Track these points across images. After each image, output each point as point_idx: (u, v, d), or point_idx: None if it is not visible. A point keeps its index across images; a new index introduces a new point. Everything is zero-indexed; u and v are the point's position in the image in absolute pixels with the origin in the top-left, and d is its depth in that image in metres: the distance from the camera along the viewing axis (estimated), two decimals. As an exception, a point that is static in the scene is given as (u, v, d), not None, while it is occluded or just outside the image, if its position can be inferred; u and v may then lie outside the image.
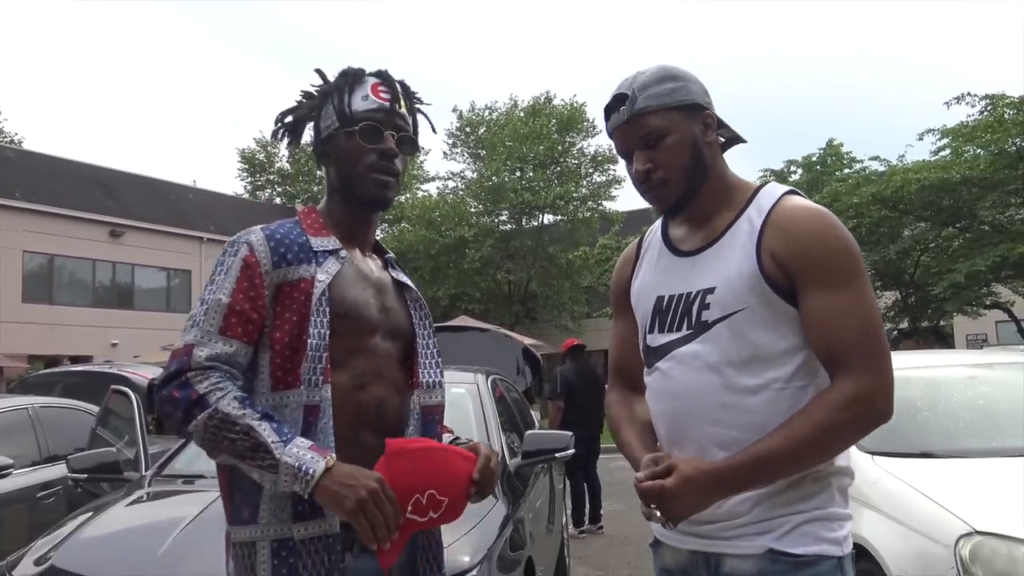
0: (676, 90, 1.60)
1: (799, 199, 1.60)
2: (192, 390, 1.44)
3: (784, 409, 1.49)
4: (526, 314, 32.30)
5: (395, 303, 1.72)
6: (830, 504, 1.53)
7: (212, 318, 1.51)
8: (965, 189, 18.12)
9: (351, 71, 1.70)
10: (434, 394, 1.72)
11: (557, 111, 32.83)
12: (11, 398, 6.68)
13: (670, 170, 1.60)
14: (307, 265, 1.57)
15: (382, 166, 1.64)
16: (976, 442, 3.67)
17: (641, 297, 1.73)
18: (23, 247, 24.63)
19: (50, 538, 3.13)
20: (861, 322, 1.48)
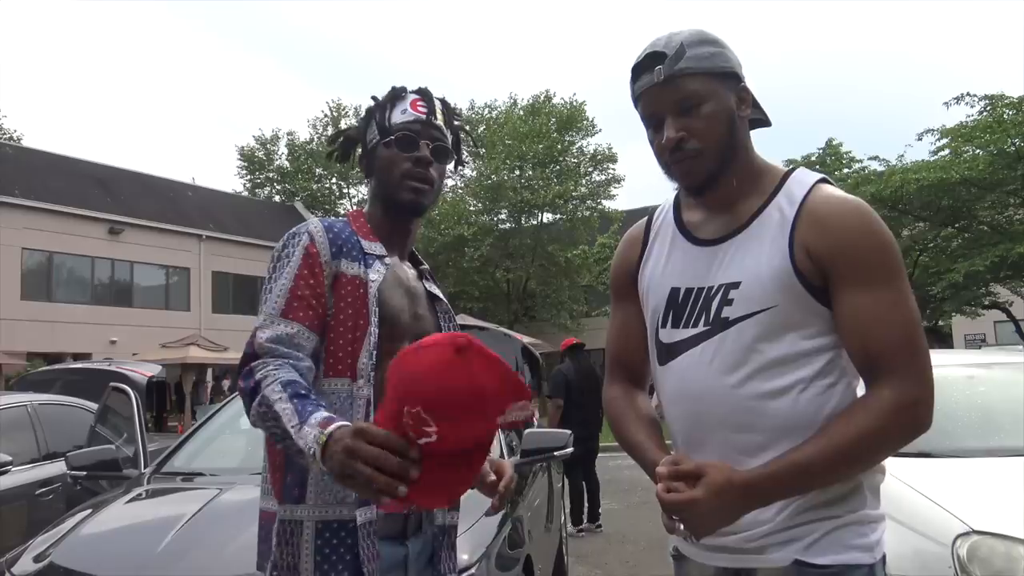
0: (716, 55, 1.47)
1: (833, 189, 1.47)
2: (252, 379, 1.49)
3: (809, 410, 1.40)
4: (525, 313, 32.32)
5: (426, 312, 1.79)
6: (861, 506, 1.42)
7: (275, 303, 1.58)
8: (964, 189, 18.14)
9: (395, 90, 1.80)
10: None
11: (556, 110, 32.83)
12: (10, 395, 6.69)
13: (705, 140, 1.45)
14: (359, 264, 1.66)
15: (416, 173, 1.73)
16: (974, 442, 3.68)
17: (653, 288, 1.60)
18: (22, 244, 24.60)
19: (49, 535, 3.13)
20: (903, 324, 1.37)
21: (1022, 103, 17.57)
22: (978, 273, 17.56)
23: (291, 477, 1.60)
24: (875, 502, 1.45)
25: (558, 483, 5.76)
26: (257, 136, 44.11)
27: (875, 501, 1.45)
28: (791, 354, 1.41)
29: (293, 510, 1.58)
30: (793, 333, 1.41)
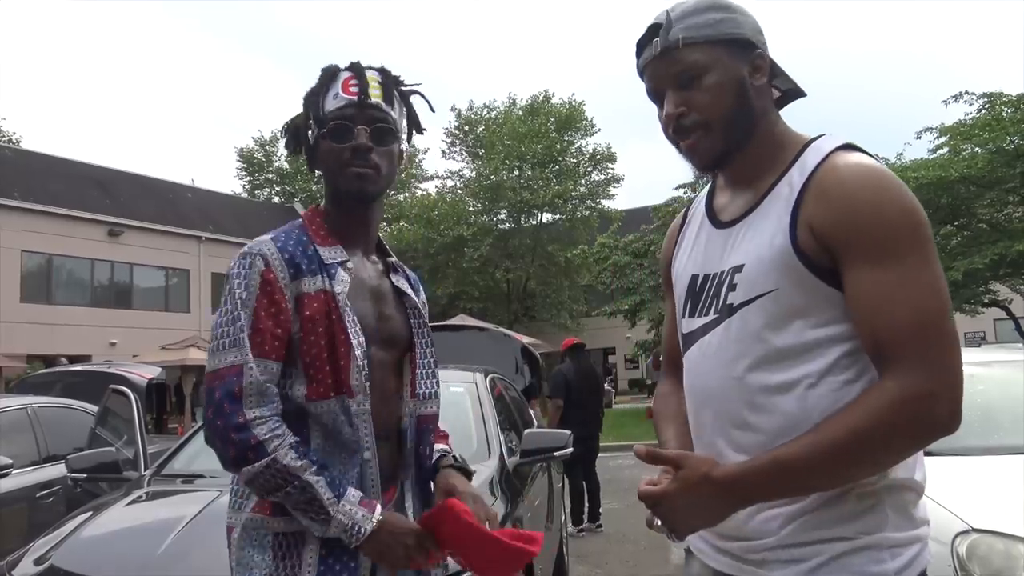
0: (722, 21, 1.34)
1: (852, 156, 1.29)
2: (251, 434, 1.45)
3: (820, 408, 1.24)
4: (525, 312, 32.33)
5: (393, 311, 1.72)
6: (880, 528, 1.23)
7: (244, 339, 1.50)
8: (963, 187, 18.14)
9: (327, 70, 1.69)
10: (430, 404, 1.74)
11: (555, 110, 32.86)
12: (10, 398, 6.68)
13: (709, 113, 1.33)
14: (321, 277, 1.58)
15: (356, 162, 1.63)
16: (974, 440, 3.67)
17: (678, 276, 1.51)
18: (21, 247, 24.59)
19: (49, 538, 3.13)
20: (917, 303, 1.18)
21: (1020, 101, 17.57)
22: (977, 271, 17.55)
23: None
24: (903, 523, 1.26)
25: (558, 483, 5.76)
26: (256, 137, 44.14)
27: (903, 522, 1.26)
28: (798, 344, 1.26)
29: (295, 523, 1.53)
30: (800, 320, 1.26)
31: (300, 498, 1.46)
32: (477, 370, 4.68)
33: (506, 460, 3.80)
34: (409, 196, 35.80)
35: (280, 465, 1.45)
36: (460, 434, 3.96)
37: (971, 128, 18.13)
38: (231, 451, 1.47)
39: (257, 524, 1.56)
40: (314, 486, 1.45)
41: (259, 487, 1.50)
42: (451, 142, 35.34)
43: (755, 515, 1.28)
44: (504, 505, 3.30)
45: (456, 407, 4.18)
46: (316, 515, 1.47)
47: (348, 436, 1.56)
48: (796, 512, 1.25)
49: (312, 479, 1.46)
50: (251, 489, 1.54)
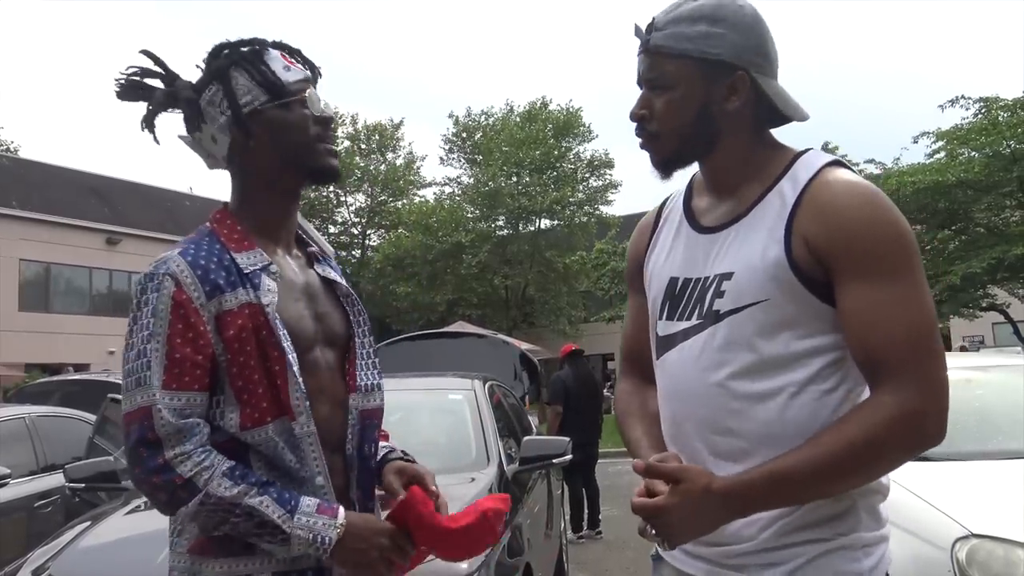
0: (705, 37, 1.33)
1: (843, 173, 1.32)
2: (175, 474, 1.31)
3: (800, 417, 1.27)
4: (523, 319, 32.30)
5: (328, 306, 1.55)
6: (855, 528, 1.29)
7: (156, 371, 1.34)
8: (960, 191, 18.18)
9: (252, 41, 1.50)
10: (373, 397, 1.55)
11: (553, 116, 32.86)
12: (8, 407, 6.67)
13: (663, 125, 1.38)
14: (242, 290, 1.40)
15: (328, 135, 1.52)
16: (973, 445, 3.67)
17: (654, 277, 1.50)
18: (19, 255, 24.60)
19: (48, 548, 3.12)
20: (908, 324, 1.22)
21: (1017, 105, 17.61)
22: (975, 275, 17.56)
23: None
24: (872, 523, 1.32)
25: (557, 490, 5.75)
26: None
27: (872, 523, 1.32)
28: (784, 354, 1.29)
29: (234, 564, 1.37)
30: (788, 331, 1.29)
31: (250, 525, 1.32)
32: (476, 377, 4.68)
33: (505, 467, 3.79)
34: (407, 203, 35.78)
35: (215, 498, 1.30)
36: (459, 441, 3.96)
37: (968, 132, 18.17)
38: (161, 496, 1.33)
39: (194, 568, 1.38)
40: (259, 508, 1.31)
41: (203, 525, 1.35)
42: (449, 149, 35.34)
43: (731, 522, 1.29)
44: (503, 513, 3.29)
45: (455, 414, 4.18)
46: (273, 537, 1.33)
47: (292, 464, 1.39)
48: (775, 517, 1.28)
49: (254, 502, 1.31)
50: (196, 526, 1.37)
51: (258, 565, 1.38)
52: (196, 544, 1.38)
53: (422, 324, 28.57)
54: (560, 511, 5.84)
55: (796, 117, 1.41)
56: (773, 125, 1.44)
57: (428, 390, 4.50)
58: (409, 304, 31.04)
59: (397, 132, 37.83)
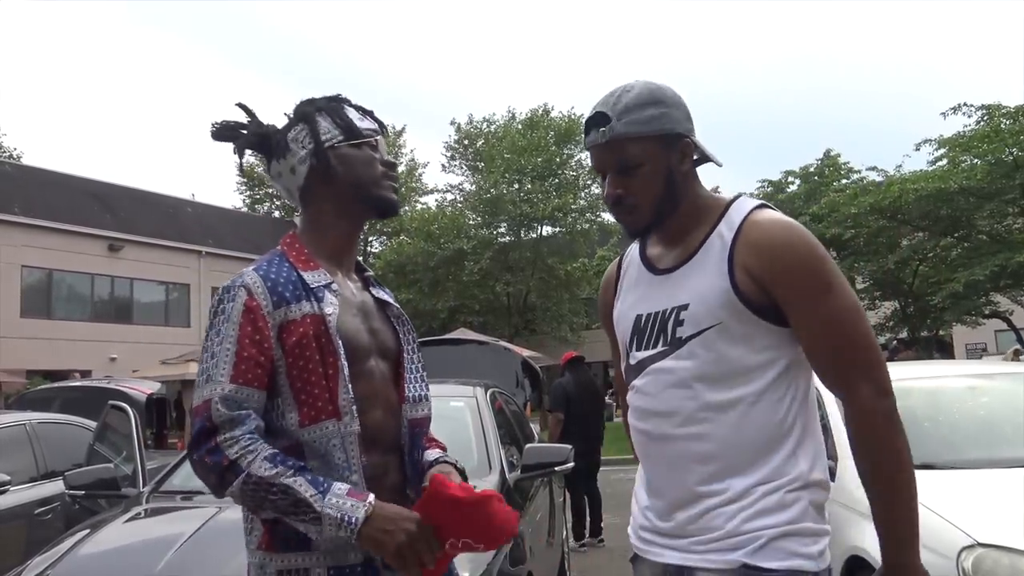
0: (657, 118, 1.59)
1: (769, 212, 1.60)
2: (223, 456, 1.45)
3: (759, 421, 1.53)
4: (525, 326, 32.29)
5: (381, 323, 1.74)
6: (804, 519, 1.52)
7: (223, 368, 1.51)
8: (963, 199, 18.17)
9: (335, 96, 1.76)
10: (420, 407, 1.74)
11: (555, 123, 32.91)
12: (9, 414, 6.67)
13: (642, 198, 1.61)
14: (306, 302, 1.58)
15: (391, 175, 1.73)
16: (977, 453, 3.66)
17: (621, 318, 1.75)
18: (21, 262, 24.61)
19: (48, 555, 3.11)
20: (842, 334, 1.51)
21: (1019, 113, 17.62)
22: (978, 282, 17.56)
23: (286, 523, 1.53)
24: (819, 517, 1.55)
25: (559, 498, 5.74)
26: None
27: (819, 516, 1.55)
28: (738, 368, 1.53)
29: (293, 559, 1.53)
30: (740, 348, 1.53)
31: (286, 503, 1.45)
32: (477, 384, 4.67)
33: (507, 475, 3.78)
34: (409, 210, 35.81)
35: (256, 478, 1.44)
36: (461, 448, 3.93)
37: (970, 140, 18.18)
38: (211, 478, 1.48)
39: (262, 562, 1.55)
40: (293, 487, 1.44)
41: (248, 505, 1.50)
42: (451, 156, 35.40)
43: (701, 516, 1.55)
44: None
45: (456, 421, 4.16)
46: (306, 515, 1.45)
47: (339, 461, 1.55)
48: (736, 510, 1.52)
49: (289, 481, 1.44)
50: (246, 508, 1.54)
51: (313, 560, 1.52)
52: (263, 540, 1.55)
53: (424, 331, 28.57)
54: (562, 519, 5.82)
55: (716, 162, 1.71)
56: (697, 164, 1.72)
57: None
58: (411, 311, 31.01)
59: (399, 139, 37.94)
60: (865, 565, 3.06)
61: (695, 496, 1.56)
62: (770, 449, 1.53)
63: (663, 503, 1.62)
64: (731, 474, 1.53)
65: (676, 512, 1.59)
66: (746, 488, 1.52)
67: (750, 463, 1.52)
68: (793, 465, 1.53)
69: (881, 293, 22.13)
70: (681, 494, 1.58)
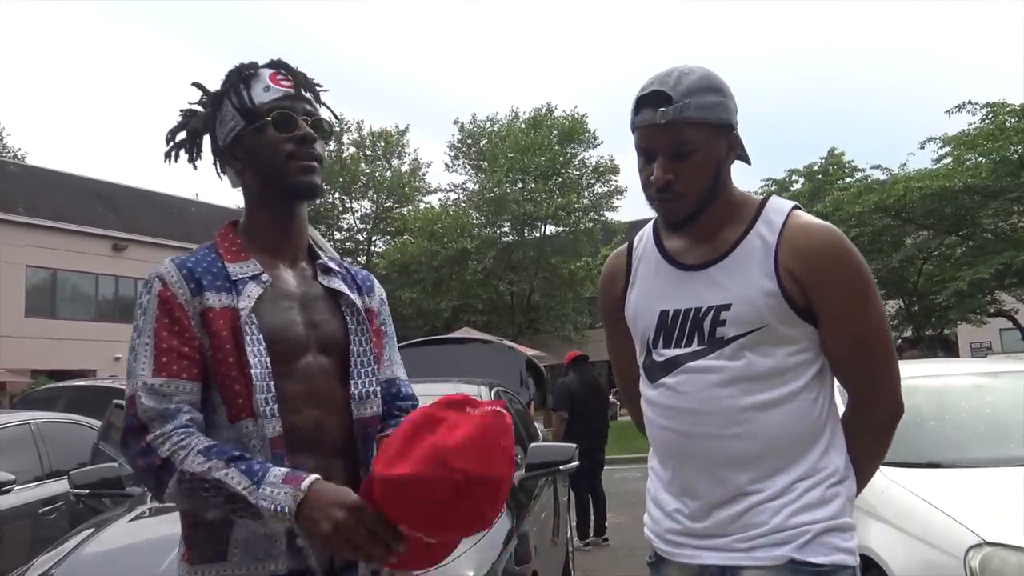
0: (718, 105, 1.55)
1: (807, 216, 1.60)
2: (155, 455, 1.35)
3: (797, 420, 1.55)
4: (528, 325, 32.29)
5: (326, 314, 1.58)
6: (843, 514, 1.55)
7: (144, 364, 1.42)
8: (967, 197, 18.14)
9: (242, 66, 1.57)
10: (368, 405, 1.59)
11: (558, 122, 32.92)
12: (13, 413, 6.68)
13: (691, 187, 1.56)
14: (227, 293, 1.47)
15: (303, 152, 1.52)
16: (983, 452, 3.64)
17: (641, 311, 1.69)
18: (26, 262, 24.68)
19: (52, 554, 3.11)
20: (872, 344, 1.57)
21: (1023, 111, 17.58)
22: (983, 281, 17.52)
23: (204, 532, 1.43)
24: (851, 511, 1.58)
25: (564, 496, 5.73)
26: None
27: (852, 510, 1.59)
28: (780, 369, 1.54)
29: (210, 570, 1.42)
30: (783, 349, 1.54)
31: (220, 499, 1.32)
32: (482, 383, 4.66)
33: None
34: (412, 209, 35.85)
35: (189, 475, 1.32)
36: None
37: (975, 138, 18.14)
38: (148, 480, 1.38)
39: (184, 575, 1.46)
40: (225, 481, 1.31)
41: (190, 507, 1.40)
42: (454, 155, 35.45)
43: (744, 513, 1.54)
44: (509, 520, 3.28)
45: (461, 420, 4.15)
46: (245, 511, 1.32)
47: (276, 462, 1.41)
48: (780, 506, 1.52)
49: (220, 474, 1.31)
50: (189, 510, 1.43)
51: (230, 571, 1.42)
52: (185, 552, 1.47)
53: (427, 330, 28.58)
54: (566, 518, 5.82)
55: (747, 160, 1.66)
56: None
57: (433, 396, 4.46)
58: (414, 310, 31.05)
59: (402, 139, 37.97)
60: (872, 564, 3.05)
61: (737, 494, 1.55)
62: (807, 446, 1.55)
63: (698, 503, 1.59)
64: (774, 472, 1.54)
65: (714, 511, 1.57)
66: (788, 484, 1.53)
67: (791, 460, 1.54)
68: (828, 460, 1.56)
69: (885, 292, 22.07)
70: (722, 493, 1.56)
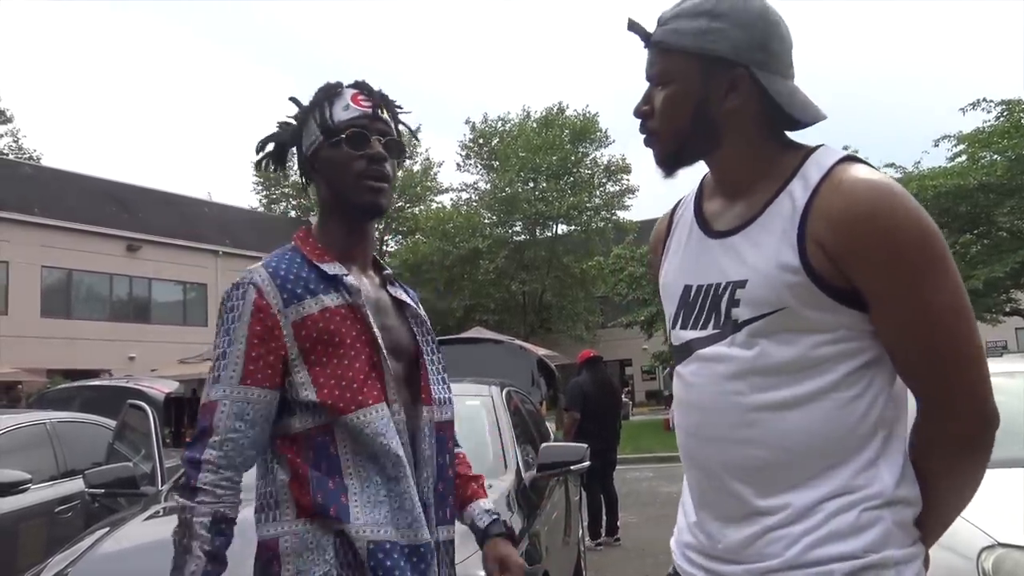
0: (706, 32, 1.28)
1: (855, 170, 1.22)
2: (196, 475, 1.45)
3: (822, 428, 1.21)
4: (540, 324, 32.31)
5: (395, 321, 1.68)
6: (887, 545, 1.19)
7: (233, 369, 1.48)
8: (982, 195, 18.01)
9: (329, 86, 1.66)
10: (445, 410, 1.69)
11: (570, 121, 32.92)
12: (29, 413, 6.72)
13: (661, 122, 1.34)
14: (335, 293, 1.55)
15: (373, 171, 1.59)
16: (999, 452, 3.58)
17: (668, 285, 1.44)
18: (41, 262, 24.87)
19: (67, 554, 3.13)
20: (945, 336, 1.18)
21: (1039, 108, 17.45)
22: (998, 279, 17.40)
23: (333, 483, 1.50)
24: (904, 539, 1.22)
25: (576, 496, 5.72)
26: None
27: (904, 538, 1.22)
28: (805, 361, 1.21)
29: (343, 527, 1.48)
30: (809, 337, 1.21)
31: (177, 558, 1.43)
32: (493, 383, 4.66)
33: (523, 474, 3.77)
34: (424, 209, 35.92)
35: (186, 518, 1.43)
36: (476, 447, 3.94)
37: (989, 136, 18.02)
38: (182, 477, 1.48)
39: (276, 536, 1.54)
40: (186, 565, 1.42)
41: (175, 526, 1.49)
42: (466, 155, 35.49)
43: (759, 538, 1.23)
44: (521, 520, 3.28)
45: (472, 421, 4.16)
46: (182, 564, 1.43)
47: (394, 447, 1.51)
48: (800, 533, 1.20)
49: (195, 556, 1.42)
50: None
51: None
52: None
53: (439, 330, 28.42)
54: (578, 518, 5.81)
55: (805, 118, 1.31)
56: (789, 127, 1.35)
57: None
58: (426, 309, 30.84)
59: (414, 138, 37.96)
60: None
61: (749, 512, 1.25)
62: (842, 457, 1.21)
63: (711, 518, 1.32)
64: (792, 486, 1.22)
65: (727, 530, 1.28)
66: (812, 504, 1.20)
67: (816, 474, 1.21)
68: (874, 477, 1.20)
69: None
70: (732, 508, 1.27)
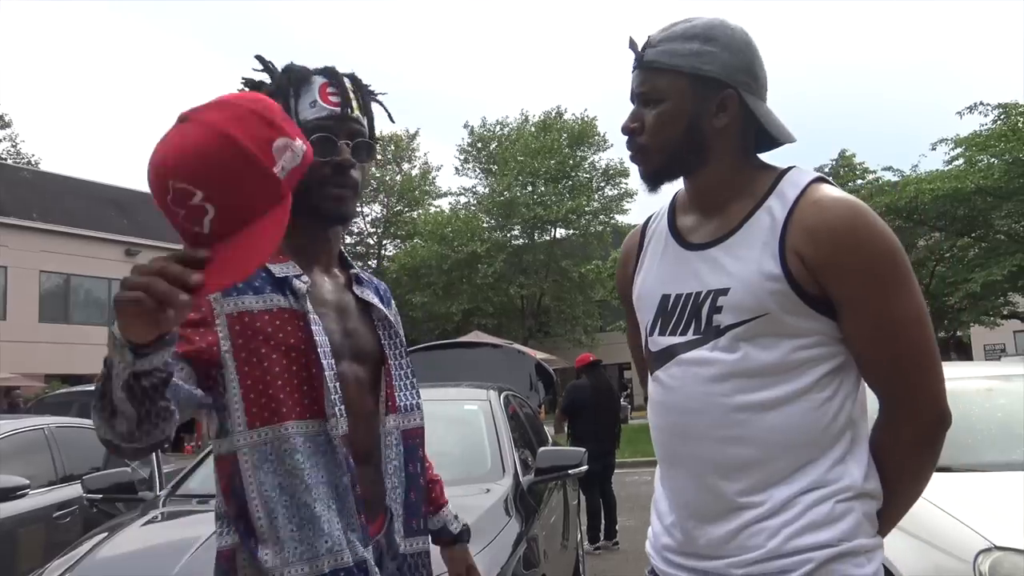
0: (698, 55, 1.37)
1: (828, 190, 1.35)
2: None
3: (803, 424, 1.31)
4: (539, 328, 32.33)
5: (359, 324, 1.56)
6: (857, 534, 1.31)
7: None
8: (980, 198, 18.06)
9: (294, 70, 1.52)
10: (413, 416, 1.60)
11: (568, 125, 32.98)
12: (27, 418, 6.71)
13: (652, 139, 1.41)
14: (278, 295, 1.43)
15: (337, 180, 1.48)
16: (995, 455, 3.63)
17: (644, 295, 1.52)
18: (39, 267, 24.87)
19: (66, 559, 3.13)
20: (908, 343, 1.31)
21: (1036, 111, 17.50)
22: (996, 283, 17.44)
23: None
24: (871, 530, 1.35)
25: (574, 500, 5.73)
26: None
27: (871, 529, 1.35)
28: (784, 364, 1.32)
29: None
30: (788, 342, 1.32)
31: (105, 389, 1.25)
32: (491, 387, 4.67)
33: (520, 478, 3.78)
34: (423, 213, 35.93)
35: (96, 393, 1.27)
36: (474, 452, 3.95)
37: (987, 139, 18.07)
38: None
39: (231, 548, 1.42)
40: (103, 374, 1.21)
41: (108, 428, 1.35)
42: (464, 159, 35.52)
43: (740, 532, 1.32)
44: (519, 524, 3.28)
45: (470, 425, 4.17)
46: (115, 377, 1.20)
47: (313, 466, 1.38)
48: (779, 525, 1.30)
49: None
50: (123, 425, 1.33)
51: None
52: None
53: (438, 334, 28.65)
54: (577, 522, 5.82)
55: (783, 139, 1.43)
56: (762, 149, 1.47)
57: (443, 400, 4.49)
58: (425, 314, 31.13)
59: (412, 142, 38.06)
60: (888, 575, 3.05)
61: (730, 508, 1.34)
62: (816, 454, 1.32)
63: (690, 516, 1.40)
64: (772, 482, 1.32)
65: (707, 526, 1.36)
66: (789, 498, 1.31)
67: (793, 469, 1.31)
68: (844, 472, 1.32)
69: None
70: (713, 505, 1.36)
